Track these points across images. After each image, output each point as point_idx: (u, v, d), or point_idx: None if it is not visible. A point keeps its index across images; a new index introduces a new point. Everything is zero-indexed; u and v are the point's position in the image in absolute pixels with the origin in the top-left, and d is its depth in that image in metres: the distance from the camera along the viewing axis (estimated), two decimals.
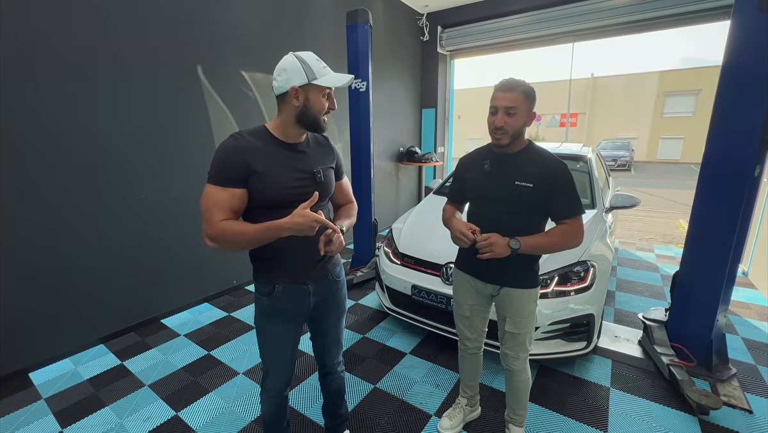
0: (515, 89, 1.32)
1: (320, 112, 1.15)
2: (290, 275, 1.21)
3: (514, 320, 1.49)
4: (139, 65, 2.49)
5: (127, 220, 2.55)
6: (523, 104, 1.31)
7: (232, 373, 2.19)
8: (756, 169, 1.91)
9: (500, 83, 1.35)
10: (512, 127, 1.32)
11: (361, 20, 3.12)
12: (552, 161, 1.37)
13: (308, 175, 1.19)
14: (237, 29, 3.07)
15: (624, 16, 4.42)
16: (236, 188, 1.09)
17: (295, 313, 1.27)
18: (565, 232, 1.36)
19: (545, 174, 1.34)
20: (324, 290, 1.31)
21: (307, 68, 1.11)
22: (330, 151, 1.32)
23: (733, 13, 1.86)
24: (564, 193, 1.35)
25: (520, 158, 1.40)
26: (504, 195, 1.40)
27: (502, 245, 1.31)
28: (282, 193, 1.13)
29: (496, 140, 1.36)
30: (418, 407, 1.90)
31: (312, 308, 1.30)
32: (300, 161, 1.19)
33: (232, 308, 3.02)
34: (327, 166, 1.27)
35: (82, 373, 2.20)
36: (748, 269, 3.68)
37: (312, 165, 1.21)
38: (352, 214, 1.39)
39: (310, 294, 1.26)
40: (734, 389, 1.99)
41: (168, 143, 2.71)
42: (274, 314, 1.25)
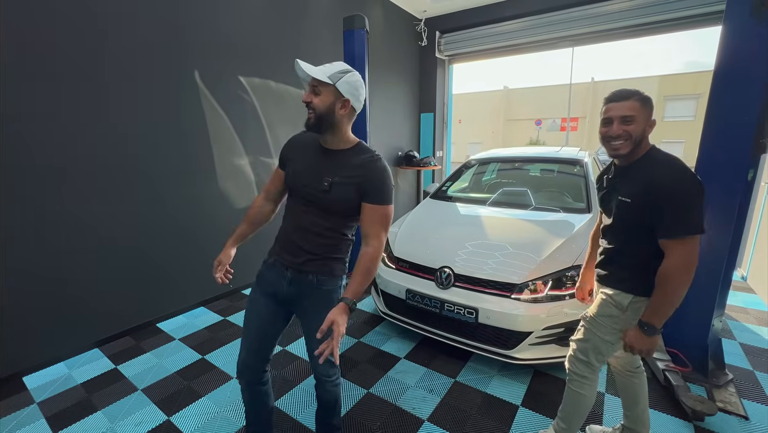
0: (630, 97, 1.26)
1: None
2: (279, 253, 1.37)
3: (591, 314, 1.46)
4: (136, 70, 2.51)
5: (124, 224, 2.56)
6: (640, 112, 1.25)
7: (226, 377, 2.19)
8: (749, 174, 1.91)
9: (611, 94, 1.31)
10: (634, 134, 1.24)
11: (357, 26, 3.15)
12: (662, 173, 1.20)
13: (318, 179, 1.25)
14: (234, 35, 3.10)
15: (621, 21, 4.43)
16: (280, 169, 1.42)
17: (271, 288, 1.37)
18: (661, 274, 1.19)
19: (645, 187, 1.21)
20: (301, 286, 1.32)
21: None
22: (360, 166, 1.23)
23: (724, 19, 1.87)
24: (666, 209, 1.16)
25: (632, 170, 1.30)
26: (611, 209, 1.35)
27: (642, 341, 1.24)
28: (295, 183, 1.32)
29: (614, 150, 1.28)
30: (411, 412, 1.89)
31: (287, 297, 1.35)
32: (323, 165, 1.27)
33: (228, 312, 3.02)
34: (345, 179, 1.23)
35: (75, 377, 2.20)
36: (747, 273, 3.66)
37: (328, 172, 1.24)
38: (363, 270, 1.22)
39: (286, 280, 1.33)
40: (730, 395, 1.97)
41: (164, 147, 2.73)
42: (260, 277, 1.42)
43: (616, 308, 1.36)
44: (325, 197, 1.24)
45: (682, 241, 1.16)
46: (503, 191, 3.32)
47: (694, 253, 1.16)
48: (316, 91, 1.20)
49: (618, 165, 1.38)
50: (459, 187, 3.72)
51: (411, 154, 5.57)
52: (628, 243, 1.32)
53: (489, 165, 3.96)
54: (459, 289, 2.19)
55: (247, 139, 3.31)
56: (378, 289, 2.60)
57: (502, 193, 3.26)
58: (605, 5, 4.46)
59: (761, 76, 1.77)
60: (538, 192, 3.17)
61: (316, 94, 1.20)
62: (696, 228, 1.14)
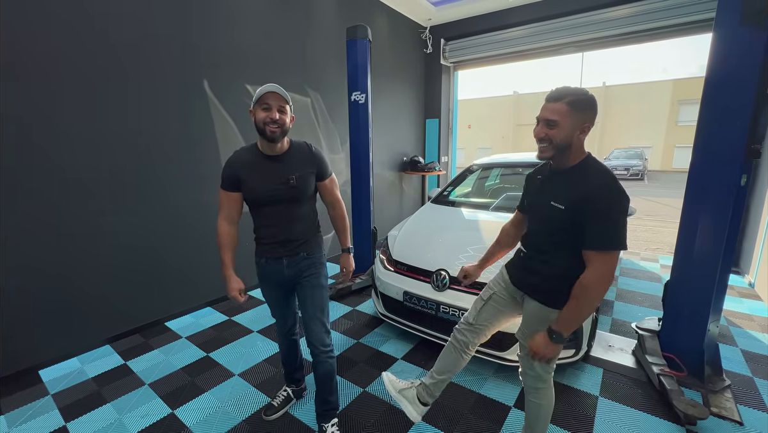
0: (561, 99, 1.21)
1: (261, 122, 1.46)
2: (269, 252, 1.61)
3: (525, 331, 1.43)
4: (148, 80, 2.65)
5: (136, 227, 2.68)
6: (566, 116, 1.20)
7: (228, 374, 2.27)
8: (743, 179, 1.92)
9: (549, 93, 1.26)
10: (556, 139, 1.22)
11: (360, 36, 3.25)
12: (592, 181, 1.19)
13: (282, 180, 1.52)
14: (242, 44, 3.23)
15: (627, 26, 4.44)
16: (232, 192, 1.57)
17: (275, 280, 1.67)
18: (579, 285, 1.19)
19: (578, 195, 1.19)
20: (297, 264, 1.63)
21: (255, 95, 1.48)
22: (310, 158, 1.61)
23: (714, 26, 1.90)
24: (597, 217, 1.15)
25: (567, 176, 1.28)
26: (541, 215, 1.35)
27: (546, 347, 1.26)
28: (258, 194, 1.53)
29: (539, 151, 1.28)
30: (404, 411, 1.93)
31: (288, 279, 1.64)
32: (277, 170, 1.53)
33: (233, 312, 3.12)
34: (305, 171, 1.58)
35: (87, 371, 2.31)
36: (754, 280, 3.60)
37: (288, 171, 1.54)
38: (343, 225, 1.79)
39: (284, 266, 1.61)
40: (726, 401, 1.96)
41: (175, 152, 2.86)
42: (262, 277, 1.69)
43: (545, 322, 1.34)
44: (293, 191, 1.54)
45: (608, 254, 1.16)
46: (506, 196, 3.36)
47: (614, 267, 1.18)
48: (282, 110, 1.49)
49: (552, 168, 1.36)
50: (461, 192, 3.76)
51: (416, 160, 5.64)
52: (552, 250, 1.30)
53: (492, 170, 4.00)
54: (454, 291, 2.23)
55: None
56: (377, 291, 2.66)
57: (505, 198, 3.29)
58: (610, 11, 4.47)
59: (752, 82, 1.79)
60: None
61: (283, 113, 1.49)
62: (622, 243, 1.16)
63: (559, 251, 1.29)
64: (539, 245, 1.36)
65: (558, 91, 1.24)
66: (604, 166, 1.24)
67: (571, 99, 1.20)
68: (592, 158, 1.28)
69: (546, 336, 1.26)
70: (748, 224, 3.91)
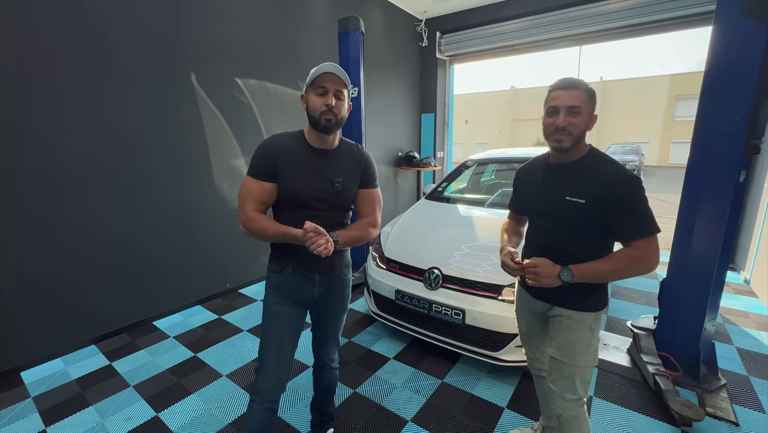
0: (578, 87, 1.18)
1: (316, 111, 1.23)
2: (300, 262, 1.32)
3: (560, 345, 1.27)
4: (132, 71, 2.56)
5: (122, 223, 2.61)
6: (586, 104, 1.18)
7: (216, 375, 2.22)
8: (741, 175, 1.87)
9: (558, 82, 1.21)
10: (576, 128, 1.17)
11: (352, 27, 3.17)
12: (613, 172, 1.17)
13: (327, 182, 1.28)
14: (230, 37, 3.14)
15: (623, 19, 4.37)
16: (266, 182, 1.26)
17: (299, 294, 1.36)
18: (631, 256, 1.14)
19: (602, 188, 1.15)
20: (329, 283, 1.38)
21: (309, 76, 1.25)
22: (358, 161, 1.36)
23: (714, 19, 1.85)
24: (628, 209, 1.13)
25: (575, 168, 1.23)
26: (553, 211, 1.25)
27: (551, 274, 1.15)
28: (300, 193, 1.26)
29: (557, 143, 1.19)
30: (395, 413, 1.90)
31: (316, 298, 1.37)
32: (323, 167, 1.29)
33: (224, 310, 3.06)
34: (351, 176, 1.34)
35: (71, 373, 2.25)
36: (750, 276, 3.58)
37: (334, 173, 1.30)
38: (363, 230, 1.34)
39: (315, 283, 1.34)
40: (721, 400, 1.94)
41: (161, 149, 2.78)
42: (280, 288, 1.35)
43: (584, 330, 1.25)
44: (339, 198, 1.31)
45: (653, 238, 1.14)
46: (502, 192, 3.31)
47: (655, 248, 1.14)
48: (339, 96, 1.25)
49: (553, 163, 1.29)
50: (456, 188, 3.71)
51: (411, 155, 5.57)
52: (575, 251, 1.21)
53: (488, 166, 3.94)
54: (447, 290, 2.18)
55: (244, 141, 3.35)
56: (369, 289, 2.61)
57: (500, 195, 3.24)
58: (607, 4, 4.40)
59: (752, 75, 1.74)
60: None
61: (340, 99, 1.25)
62: (657, 226, 1.14)
63: (584, 248, 1.21)
64: (560, 247, 1.23)
65: (570, 80, 1.20)
66: (610, 157, 1.23)
67: (587, 88, 1.19)
68: (596, 150, 1.26)
69: (557, 269, 1.15)
70: (744, 219, 3.89)
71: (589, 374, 1.28)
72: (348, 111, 1.31)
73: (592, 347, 1.26)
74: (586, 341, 1.25)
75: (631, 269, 1.15)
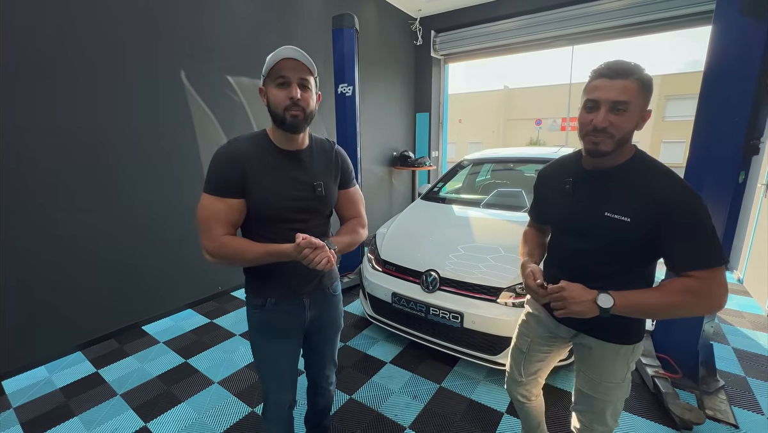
0: (628, 75, 0.92)
1: (278, 106, 1.01)
2: (285, 288, 1.14)
3: (591, 378, 1.11)
4: (118, 69, 2.48)
5: (110, 224, 2.52)
6: (637, 98, 0.92)
7: (207, 382, 2.15)
8: (741, 175, 1.86)
9: (603, 67, 0.95)
10: (620, 130, 0.94)
11: (347, 25, 3.11)
12: (667, 184, 0.93)
13: (307, 188, 1.09)
14: (222, 33, 3.06)
15: (618, 19, 4.38)
16: (233, 198, 1.03)
17: (291, 327, 1.19)
18: (691, 290, 0.90)
19: (653, 205, 0.92)
20: (321, 303, 1.23)
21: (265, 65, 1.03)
22: (334, 160, 1.19)
23: (714, 18, 1.82)
24: (688, 232, 0.90)
25: (618, 177, 1.00)
26: (587, 229, 1.03)
27: (583, 301, 0.92)
28: (278, 206, 1.06)
29: (593, 145, 0.96)
30: (393, 420, 1.85)
31: (308, 323, 1.22)
32: (299, 171, 1.10)
33: (216, 314, 2.99)
34: (330, 177, 1.17)
35: (55, 381, 2.17)
36: (743, 276, 3.60)
37: (313, 176, 1.11)
38: (354, 232, 1.20)
39: (306, 308, 1.18)
40: (720, 402, 1.92)
41: (150, 148, 2.69)
42: (268, 328, 1.17)
43: (621, 364, 1.08)
44: (322, 204, 1.14)
45: (718, 271, 0.90)
46: (497, 192, 3.28)
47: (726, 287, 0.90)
48: (305, 86, 1.03)
49: (588, 168, 1.06)
50: (452, 188, 3.67)
51: (406, 155, 5.53)
52: (610, 275, 1.00)
53: (483, 165, 3.91)
54: (445, 293, 2.14)
55: None
56: (365, 292, 2.56)
57: (496, 195, 3.21)
58: (601, 4, 4.40)
59: (752, 75, 1.72)
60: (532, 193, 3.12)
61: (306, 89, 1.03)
62: (724, 256, 0.91)
63: (628, 276, 1.00)
64: (597, 272, 1.02)
65: (621, 64, 0.93)
66: (664, 165, 0.98)
67: (639, 76, 0.92)
68: (645, 153, 1.02)
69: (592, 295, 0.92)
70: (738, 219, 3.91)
71: (620, 405, 1.14)
72: (317, 102, 1.10)
73: (627, 381, 1.10)
74: (622, 375, 1.08)
75: (687, 306, 0.91)
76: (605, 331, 1.07)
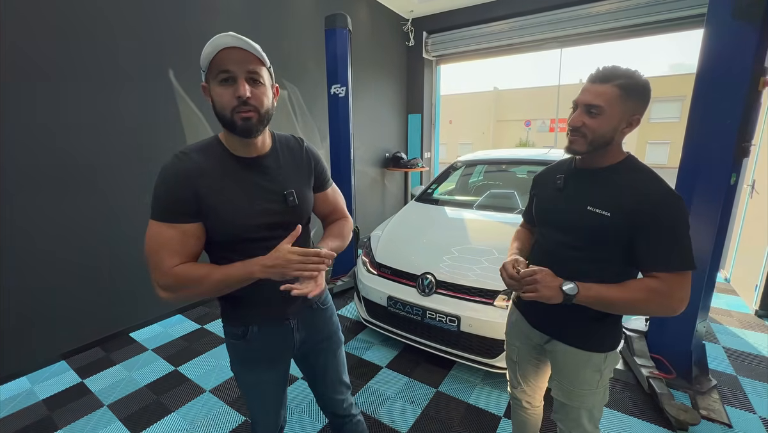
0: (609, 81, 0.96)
1: (225, 108, 0.85)
2: (267, 312, 1.00)
3: (563, 386, 1.13)
4: (105, 68, 2.40)
5: (95, 227, 2.44)
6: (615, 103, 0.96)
7: (199, 390, 2.09)
8: (732, 178, 1.88)
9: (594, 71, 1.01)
10: (593, 132, 0.98)
11: (339, 25, 3.07)
12: (651, 186, 0.96)
13: (277, 198, 0.95)
14: (212, 32, 2.98)
15: (608, 23, 4.43)
16: (186, 223, 0.87)
17: (278, 354, 1.07)
18: (652, 288, 0.93)
19: (634, 204, 0.95)
20: (311, 321, 1.10)
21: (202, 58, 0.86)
22: (305, 160, 1.04)
23: (706, 21, 1.84)
24: (660, 233, 0.93)
25: (605, 176, 1.04)
26: (569, 222, 1.06)
27: (552, 286, 0.95)
28: (244, 225, 0.91)
29: (569, 143, 1.03)
30: (390, 426, 1.82)
31: (299, 345, 1.09)
32: (264, 180, 0.94)
33: (206, 319, 2.92)
34: (302, 180, 1.02)
35: (37, 392, 2.08)
36: (730, 275, 3.67)
37: (281, 184, 0.96)
38: (343, 234, 1.09)
39: (294, 330, 1.05)
40: (714, 402, 1.94)
41: (137, 149, 2.61)
42: (252, 360, 1.04)
43: (592, 371, 1.08)
44: (296, 214, 0.99)
45: (684, 275, 0.93)
46: (490, 194, 3.28)
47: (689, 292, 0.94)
48: (255, 80, 0.87)
49: (579, 167, 1.11)
50: (445, 190, 3.66)
51: (398, 156, 5.51)
52: (592, 271, 1.01)
53: (476, 167, 3.92)
54: (441, 296, 2.12)
55: None
56: (360, 296, 2.53)
57: (488, 196, 3.22)
58: (592, 7, 4.45)
59: (743, 78, 1.75)
60: (525, 194, 3.13)
61: (258, 84, 0.88)
62: (693, 262, 0.94)
63: (600, 272, 1.01)
64: (573, 265, 1.04)
65: (607, 70, 0.98)
66: (652, 170, 1.02)
67: (623, 82, 0.95)
68: (636, 159, 1.05)
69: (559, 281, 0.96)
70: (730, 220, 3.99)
71: (598, 412, 1.15)
72: (276, 97, 0.95)
73: (600, 388, 1.10)
74: (594, 383, 1.08)
75: (649, 305, 0.94)
76: (576, 337, 1.08)
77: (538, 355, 1.23)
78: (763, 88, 1.78)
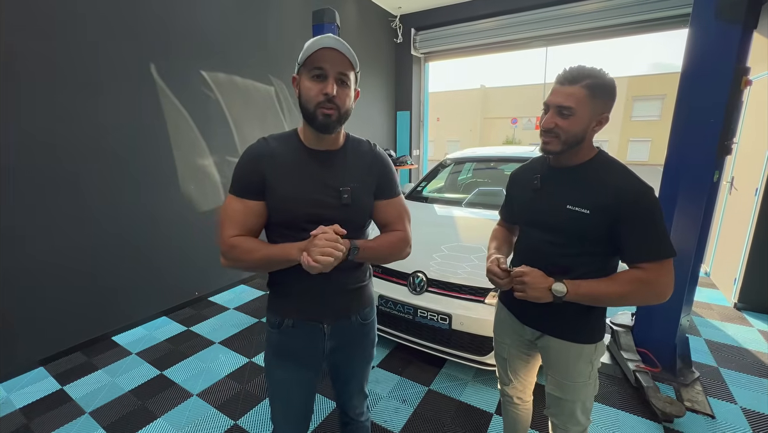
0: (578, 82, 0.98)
1: (310, 102, 0.91)
2: (304, 308, 1.03)
3: (557, 380, 1.15)
4: (81, 63, 2.30)
5: (77, 227, 2.34)
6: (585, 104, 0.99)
7: (186, 395, 2.04)
8: (715, 175, 1.93)
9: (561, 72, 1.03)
10: (566, 132, 1.01)
11: (327, 20, 3.02)
12: (624, 181, 1.00)
13: (331, 193, 0.97)
14: (195, 27, 2.91)
15: (594, 21, 4.50)
16: (252, 200, 0.96)
17: (307, 355, 1.07)
18: (639, 279, 0.97)
19: (611, 198, 0.99)
20: (344, 333, 1.08)
21: (302, 52, 0.91)
22: (369, 164, 1.04)
23: (691, 21, 1.88)
24: (639, 225, 0.97)
25: (579, 174, 1.07)
26: (550, 221, 1.09)
27: (541, 288, 0.99)
28: (296, 211, 0.95)
29: (543, 144, 1.06)
30: (382, 426, 1.81)
31: (329, 352, 1.08)
32: (326, 173, 0.98)
33: (193, 321, 2.85)
34: (363, 184, 1.01)
35: (14, 401, 1.99)
36: (710, 269, 3.79)
37: (341, 180, 0.98)
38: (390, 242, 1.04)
39: (325, 336, 1.05)
40: (697, 394, 1.99)
41: (120, 148, 2.52)
42: (284, 352, 1.06)
43: (584, 363, 1.11)
44: (347, 212, 0.98)
45: (667, 263, 0.97)
46: (479, 191, 3.30)
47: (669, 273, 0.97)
48: (343, 82, 0.93)
49: (554, 166, 1.14)
50: (434, 188, 3.67)
51: (388, 153, 5.49)
52: (574, 265, 1.05)
53: (465, 164, 3.93)
54: (433, 294, 2.12)
55: (211, 138, 3.13)
56: None
57: (477, 194, 3.23)
58: (578, 6, 4.51)
59: (727, 77, 1.78)
60: None
61: (344, 86, 0.94)
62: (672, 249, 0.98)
63: (583, 267, 1.04)
64: (554, 262, 1.07)
65: (573, 71, 1.00)
66: (622, 163, 1.06)
67: (590, 82, 0.98)
68: (606, 153, 1.10)
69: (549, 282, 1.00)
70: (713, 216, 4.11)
71: (590, 403, 1.17)
72: (355, 100, 1.01)
73: (592, 379, 1.13)
74: (587, 374, 1.12)
75: (637, 295, 0.98)
76: (567, 331, 1.11)
77: (528, 350, 1.25)
78: (745, 87, 1.82)
